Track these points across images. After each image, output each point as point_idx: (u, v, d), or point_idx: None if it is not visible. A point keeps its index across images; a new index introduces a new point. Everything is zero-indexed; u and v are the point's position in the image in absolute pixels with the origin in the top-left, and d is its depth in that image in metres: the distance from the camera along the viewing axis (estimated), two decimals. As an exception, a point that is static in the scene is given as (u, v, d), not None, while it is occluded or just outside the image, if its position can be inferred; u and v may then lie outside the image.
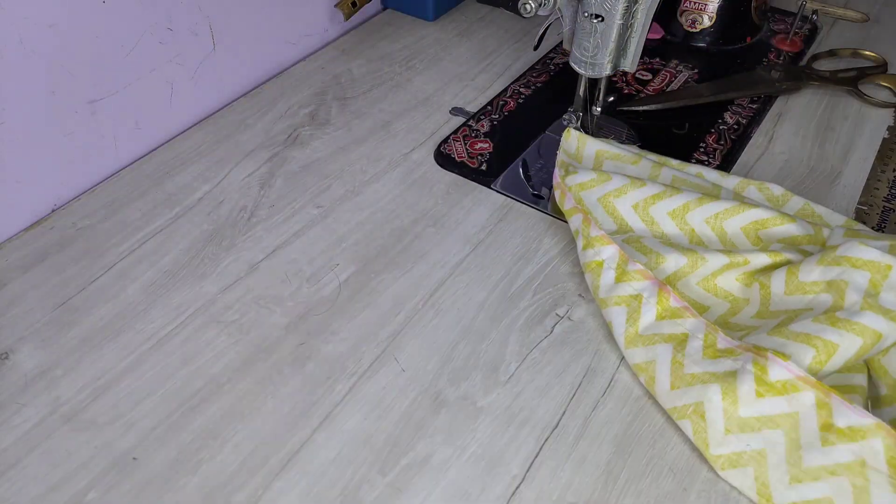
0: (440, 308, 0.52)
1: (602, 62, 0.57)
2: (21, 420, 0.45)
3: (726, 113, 0.70)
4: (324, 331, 0.50)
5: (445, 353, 0.49)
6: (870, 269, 0.46)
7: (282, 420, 0.45)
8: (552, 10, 0.57)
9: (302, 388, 0.47)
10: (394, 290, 0.53)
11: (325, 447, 0.44)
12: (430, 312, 0.52)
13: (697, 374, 0.45)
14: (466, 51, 0.79)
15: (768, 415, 0.42)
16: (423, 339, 0.50)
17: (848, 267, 0.47)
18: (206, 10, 0.65)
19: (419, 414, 0.46)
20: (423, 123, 0.69)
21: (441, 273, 0.55)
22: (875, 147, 0.66)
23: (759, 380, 0.42)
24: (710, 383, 0.44)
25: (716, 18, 0.78)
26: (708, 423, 0.43)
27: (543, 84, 0.74)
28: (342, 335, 0.50)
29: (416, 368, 0.48)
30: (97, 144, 0.62)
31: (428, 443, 0.44)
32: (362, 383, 0.47)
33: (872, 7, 0.86)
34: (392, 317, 0.52)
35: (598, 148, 0.60)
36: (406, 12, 0.84)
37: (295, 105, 0.71)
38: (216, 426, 0.45)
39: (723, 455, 0.42)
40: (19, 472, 0.42)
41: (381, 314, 0.52)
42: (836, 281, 0.47)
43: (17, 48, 0.52)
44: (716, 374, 0.44)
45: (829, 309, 0.46)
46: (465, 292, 0.53)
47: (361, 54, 0.78)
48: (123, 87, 0.62)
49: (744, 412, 0.42)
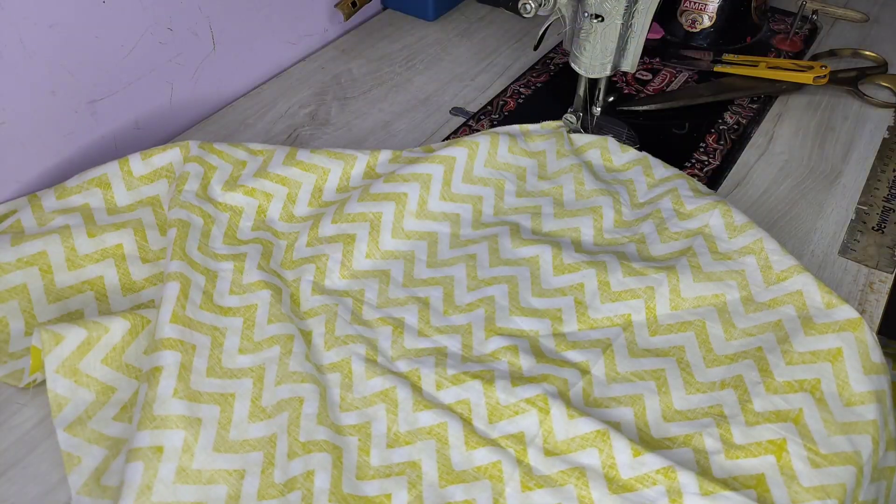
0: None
1: (602, 62, 0.57)
2: (21, 420, 0.45)
3: (726, 113, 0.70)
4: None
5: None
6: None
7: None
8: (552, 10, 0.57)
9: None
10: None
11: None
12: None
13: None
14: (466, 51, 0.79)
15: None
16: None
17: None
18: (206, 10, 0.65)
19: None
20: (423, 123, 0.69)
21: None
22: (875, 147, 0.66)
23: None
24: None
25: (716, 18, 0.78)
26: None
27: (543, 84, 0.74)
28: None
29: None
30: (97, 144, 0.62)
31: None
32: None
33: (872, 7, 0.86)
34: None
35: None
36: (406, 12, 0.84)
37: (295, 105, 0.71)
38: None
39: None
40: (19, 472, 0.42)
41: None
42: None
43: (17, 48, 0.52)
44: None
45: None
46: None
47: (361, 54, 0.78)
48: (123, 87, 0.62)
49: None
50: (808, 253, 0.56)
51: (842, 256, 0.56)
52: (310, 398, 0.45)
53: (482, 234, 0.56)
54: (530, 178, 0.60)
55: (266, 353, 0.47)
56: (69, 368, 0.44)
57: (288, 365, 0.46)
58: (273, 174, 0.57)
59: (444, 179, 0.57)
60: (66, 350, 0.44)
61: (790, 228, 0.58)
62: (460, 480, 0.42)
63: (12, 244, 0.49)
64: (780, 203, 0.61)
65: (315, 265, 0.53)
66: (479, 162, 0.59)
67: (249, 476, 0.42)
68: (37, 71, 0.55)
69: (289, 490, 0.41)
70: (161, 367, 0.43)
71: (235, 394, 0.45)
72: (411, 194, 0.56)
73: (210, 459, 0.42)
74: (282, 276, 0.53)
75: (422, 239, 0.56)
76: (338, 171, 0.58)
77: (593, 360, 0.47)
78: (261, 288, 0.50)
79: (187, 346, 0.45)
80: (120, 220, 0.53)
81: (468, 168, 0.59)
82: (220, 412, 0.44)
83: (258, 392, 0.46)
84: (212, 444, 0.43)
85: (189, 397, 0.43)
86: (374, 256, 0.54)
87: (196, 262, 0.50)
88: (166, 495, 0.40)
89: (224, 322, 0.48)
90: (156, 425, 0.41)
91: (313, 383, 0.46)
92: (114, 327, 0.46)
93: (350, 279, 0.53)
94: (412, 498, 0.41)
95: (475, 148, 0.59)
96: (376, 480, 0.42)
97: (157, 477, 0.40)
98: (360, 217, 0.54)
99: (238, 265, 0.52)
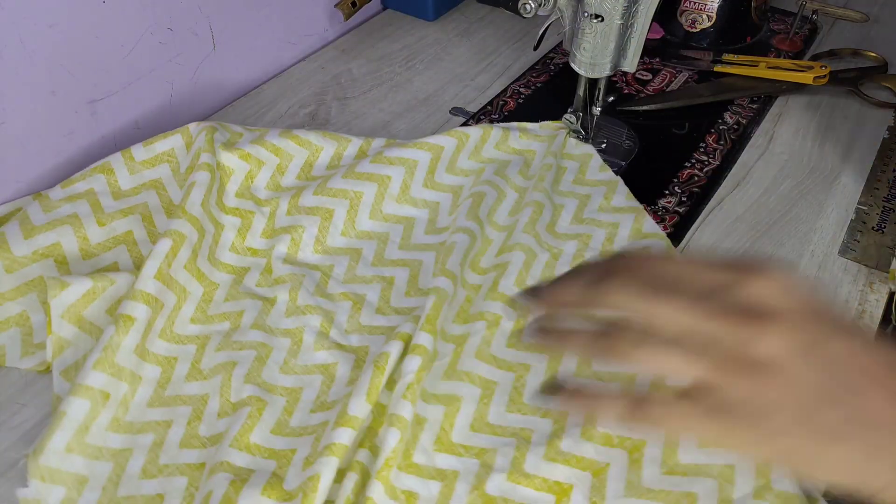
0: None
1: (602, 62, 0.57)
2: (21, 420, 0.45)
3: (726, 113, 0.70)
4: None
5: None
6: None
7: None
8: (552, 10, 0.57)
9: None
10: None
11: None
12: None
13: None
14: (466, 51, 0.79)
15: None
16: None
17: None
18: (206, 10, 0.65)
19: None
20: (423, 123, 0.69)
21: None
22: (875, 147, 0.66)
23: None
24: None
25: (716, 18, 0.78)
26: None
27: (543, 84, 0.74)
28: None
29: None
30: (97, 144, 0.62)
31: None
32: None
33: (872, 7, 0.86)
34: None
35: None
36: (406, 12, 0.84)
37: (295, 105, 0.71)
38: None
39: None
40: (19, 472, 0.42)
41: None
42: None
43: (17, 48, 0.52)
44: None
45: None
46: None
47: (361, 54, 0.78)
48: (123, 87, 0.62)
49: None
50: (808, 253, 0.56)
51: (842, 256, 0.56)
52: (243, 362, 0.47)
53: (458, 225, 0.55)
54: (511, 169, 0.60)
55: (215, 326, 0.50)
56: (74, 315, 0.47)
57: (231, 336, 0.49)
58: (269, 143, 0.58)
59: (429, 167, 0.58)
60: (71, 296, 0.47)
61: (790, 228, 0.58)
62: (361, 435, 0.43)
63: (25, 237, 0.50)
64: (780, 203, 0.61)
65: (291, 236, 0.54)
66: (465, 154, 0.60)
67: (175, 426, 0.44)
68: (37, 71, 0.55)
69: (212, 444, 0.43)
70: (134, 319, 0.45)
71: (178, 358, 0.48)
72: (395, 178, 0.57)
73: (142, 413, 0.45)
74: (256, 250, 0.54)
75: (399, 223, 0.57)
76: (330, 151, 0.60)
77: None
78: (226, 271, 0.53)
79: (158, 304, 0.47)
80: (126, 205, 0.55)
81: (454, 159, 0.59)
82: (160, 373, 0.46)
83: (199, 357, 0.48)
84: (147, 400, 0.45)
85: (140, 355, 0.46)
86: (349, 235, 0.55)
87: (195, 218, 0.51)
88: (97, 439, 0.42)
89: (193, 286, 0.51)
90: (112, 372, 0.44)
91: (252, 349, 0.48)
92: (120, 280, 0.49)
93: (322, 255, 0.54)
94: (313, 451, 0.42)
95: (465, 140, 0.60)
96: (289, 437, 0.44)
97: (97, 421, 0.42)
98: (340, 193, 0.55)
99: (217, 234, 0.53)
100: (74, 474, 0.40)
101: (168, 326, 0.48)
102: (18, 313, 0.49)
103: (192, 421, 0.44)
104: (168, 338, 0.48)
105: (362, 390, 0.43)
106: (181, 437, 0.43)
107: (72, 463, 0.41)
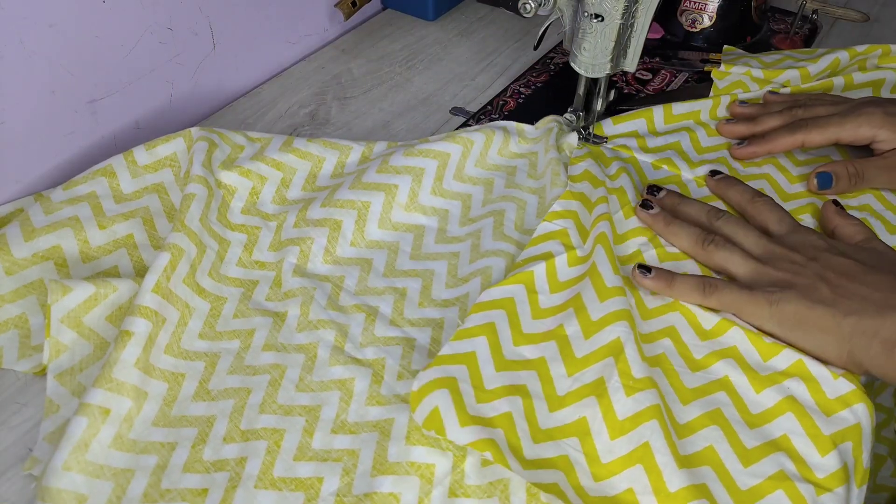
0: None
1: (602, 62, 0.57)
2: (21, 420, 0.45)
3: (726, 113, 0.70)
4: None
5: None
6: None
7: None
8: (552, 9, 0.57)
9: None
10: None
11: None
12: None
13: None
14: (466, 51, 0.79)
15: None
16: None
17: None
18: (206, 10, 0.65)
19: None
20: (423, 123, 0.69)
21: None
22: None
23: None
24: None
25: (716, 18, 0.78)
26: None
27: (543, 84, 0.74)
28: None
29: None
30: (97, 144, 0.62)
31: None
32: None
33: (872, 7, 0.86)
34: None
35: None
36: (406, 12, 0.84)
37: (295, 105, 0.71)
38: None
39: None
40: (19, 472, 0.42)
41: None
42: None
43: (17, 48, 0.52)
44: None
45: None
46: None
47: (361, 54, 0.78)
48: (123, 87, 0.62)
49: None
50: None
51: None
52: (257, 389, 0.46)
53: (468, 230, 0.56)
54: (519, 175, 0.60)
55: (225, 343, 0.49)
56: (74, 320, 0.46)
57: (244, 359, 0.48)
58: (269, 158, 0.58)
59: (436, 174, 0.58)
60: (73, 301, 0.46)
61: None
62: (391, 472, 0.42)
63: (25, 239, 0.50)
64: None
65: (300, 248, 0.53)
66: (471, 161, 0.60)
67: (180, 449, 0.43)
68: (37, 71, 0.55)
69: (216, 469, 0.42)
70: (132, 334, 0.44)
71: (186, 374, 0.47)
72: (402, 186, 0.57)
73: (147, 432, 0.43)
74: (265, 263, 0.53)
75: (409, 231, 0.56)
76: (333, 161, 0.60)
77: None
78: (234, 285, 0.52)
79: (160, 319, 0.47)
80: (127, 208, 0.54)
81: (461, 166, 0.59)
82: (167, 390, 0.45)
83: (208, 376, 0.47)
84: (152, 418, 0.44)
85: (144, 370, 0.45)
86: (359, 245, 0.55)
87: (193, 233, 0.51)
88: (99, 456, 0.41)
89: (196, 302, 0.50)
90: (110, 388, 0.43)
91: (265, 373, 0.47)
92: (122, 287, 0.48)
93: (332, 265, 0.53)
94: (343, 485, 0.41)
95: (470, 146, 0.60)
96: (312, 463, 0.43)
97: (97, 437, 0.41)
98: (348, 204, 0.55)
99: (222, 251, 0.53)
100: (74, 493, 0.39)
101: (174, 342, 0.47)
102: (17, 315, 0.49)
103: (197, 444, 0.43)
104: (175, 353, 0.47)
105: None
106: (185, 460, 0.42)
107: (71, 481, 0.40)
